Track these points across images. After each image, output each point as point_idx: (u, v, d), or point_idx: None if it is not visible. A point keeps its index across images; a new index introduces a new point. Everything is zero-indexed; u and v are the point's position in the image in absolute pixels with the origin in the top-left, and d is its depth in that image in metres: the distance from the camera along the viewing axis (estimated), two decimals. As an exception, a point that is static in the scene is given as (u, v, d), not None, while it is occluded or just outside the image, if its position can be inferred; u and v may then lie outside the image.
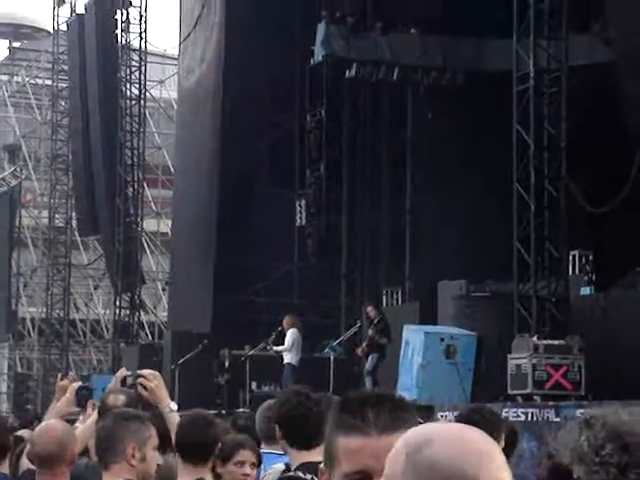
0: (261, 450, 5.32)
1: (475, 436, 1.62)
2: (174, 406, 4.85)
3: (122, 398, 4.75)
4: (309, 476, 3.64)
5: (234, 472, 4.72)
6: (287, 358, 16.78)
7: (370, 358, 16.05)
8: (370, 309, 16.38)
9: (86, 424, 4.82)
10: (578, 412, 12.54)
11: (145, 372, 4.90)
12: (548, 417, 12.99)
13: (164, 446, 4.90)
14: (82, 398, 5.07)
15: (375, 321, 16.15)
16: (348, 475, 1.90)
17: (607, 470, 2.21)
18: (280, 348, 16.84)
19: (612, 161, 15.79)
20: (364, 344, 16.14)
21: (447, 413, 13.38)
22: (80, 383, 5.50)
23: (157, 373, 4.95)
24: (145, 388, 4.78)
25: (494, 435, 4.96)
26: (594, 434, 2.23)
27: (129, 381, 4.92)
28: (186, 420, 4.62)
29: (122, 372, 5.08)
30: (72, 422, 4.94)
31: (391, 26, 18.91)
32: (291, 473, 3.87)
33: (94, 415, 4.87)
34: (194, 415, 4.75)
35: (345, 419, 1.94)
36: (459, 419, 5.07)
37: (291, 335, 16.71)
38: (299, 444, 3.87)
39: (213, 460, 4.55)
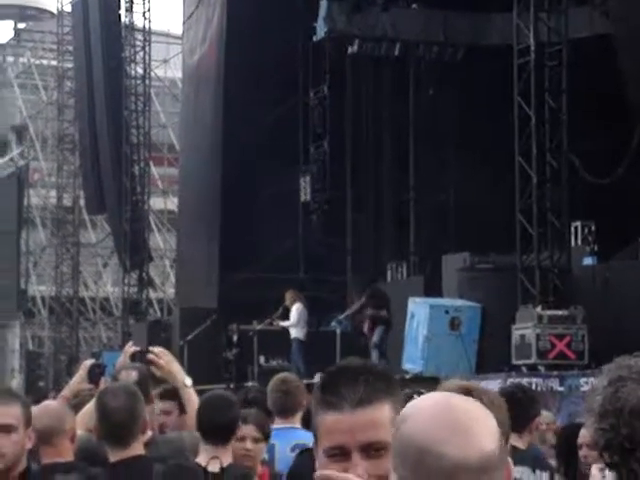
0: (274, 425, 5.36)
1: (457, 409, 1.58)
2: (188, 381, 4.90)
3: (134, 374, 4.77)
4: None
5: (236, 448, 4.68)
6: (294, 333, 16.97)
7: (376, 332, 16.22)
8: (362, 300, 16.49)
9: (91, 403, 4.78)
10: (582, 381, 12.75)
11: (155, 350, 4.95)
12: (552, 387, 13.17)
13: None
14: (95, 375, 5.14)
15: (365, 301, 16.27)
16: (326, 451, 1.92)
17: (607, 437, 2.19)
18: (287, 323, 17.03)
19: (613, 132, 15.89)
20: (366, 324, 16.25)
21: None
22: (93, 360, 5.60)
23: (165, 350, 5.02)
24: (157, 366, 4.85)
25: (534, 411, 4.95)
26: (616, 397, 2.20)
27: (138, 357, 4.99)
28: (207, 401, 4.59)
29: (130, 347, 5.14)
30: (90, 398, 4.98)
31: (393, 2, 18.96)
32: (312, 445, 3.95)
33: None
34: (215, 396, 4.72)
35: (323, 396, 1.95)
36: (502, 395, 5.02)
37: (296, 310, 16.90)
38: None
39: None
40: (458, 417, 1.56)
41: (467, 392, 2.60)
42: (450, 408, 1.57)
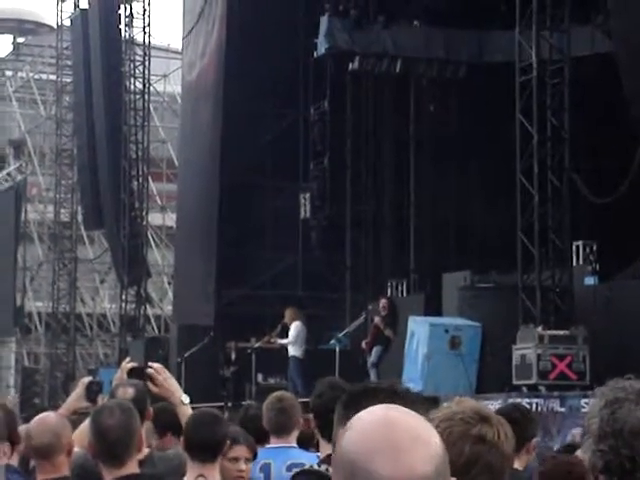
0: (270, 444, 5.32)
1: (396, 425, 1.53)
2: (186, 399, 4.84)
3: (131, 391, 4.69)
4: (324, 467, 3.66)
5: (229, 468, 4.62)
6: (292, 351, 16.86)
7: (374, 350, 16.12)
8: (383, 302, 16.46)
9: (88, 420, 4.75)
10: (583, 402, 12.62)
11: (154, 366, 4.91)
12: (553, 407, 13.06)
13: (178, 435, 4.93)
14: (92, 393, 5.08)
15: (383, 314, 16.24)
16: None
17: (607, 459, 2.18)
18: (285, 341, 16.92)
19: (615, 151, 15.83)
20: (369, 336, 16.21)
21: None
22: (90, 378, 5.51)
23: (163, 367, 4.96)
24: (154, 383, 4.79)
25: (532, 432, 4.86)
26: (614, 418, 2.19)
27: (135, 373, 4.91)
28: (195, 417, 4.56)
29: (127, 363, 5.08)
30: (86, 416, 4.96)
31: (394, 19, 18.94)
32: (307, 466, 3.91)
33: None
34: (203, 412, 4.69)
35: (345, 412, 1.99)
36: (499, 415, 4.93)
37: (295, 328, 16.79)
38: (330, 436, 3.96)
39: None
40: (394, 434, 1.51)
41: (485, 419, 2.52)
42: (388, 423, 1.52)
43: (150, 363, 5.03)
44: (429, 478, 1.48)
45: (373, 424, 1.53)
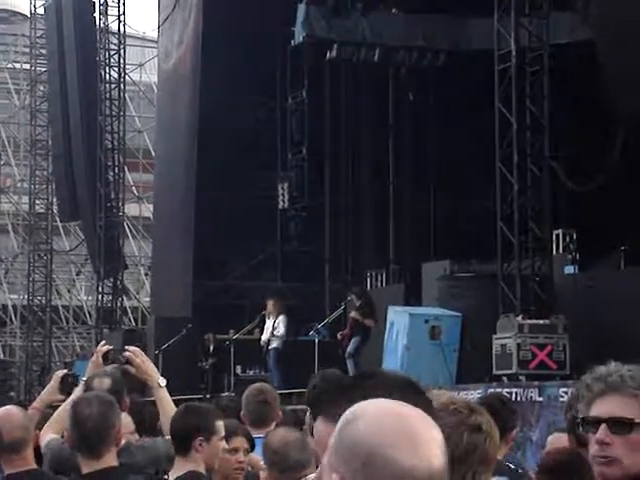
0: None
1: (408, 417, 1.58)
2: (163, 381, 4.81)
3: (107, 382, 4.70)
4: None
5: (228, 460, 4.55)
6: (274, 343, 16.69)
7: (352, 341, 15.99)
8: (355, 291, 16.34)
9: (61, 408, 4.79)
10: (561, 391, 12.56)
11: (131, 349, 4.93)
12: (532, 397, 12.99)
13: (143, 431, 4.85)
14: (67, 386, 5.06)
15: (358, 304, 16.11)
16: None
17: None
18: (279, 336, 16.60)
19: (595, 139, 15.77)
20: (347, 329, 16.07)
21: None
22: (65, 370, 5.49)
23: (140, 350, 4.99)
24: (133, 365, 4.77)
25: (512, 423, 4.88)
26: None
27: (111, 356, 4.92)
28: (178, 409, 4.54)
29: (103, 347, 5.09)
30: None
31: (372, 6, 18.80)
32: None
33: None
34: (184, 405, 4.63)
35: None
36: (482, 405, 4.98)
37: (283, 323, 16.57)
38: None
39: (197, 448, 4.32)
40: (411, 427, 1.55)
41: (475, 410, 2.58)
42: (402, 415, 1.58)
43: (127, 347, 5.05)
44: (443, 471, 1.55)
45: (387, 415, 1.55)
